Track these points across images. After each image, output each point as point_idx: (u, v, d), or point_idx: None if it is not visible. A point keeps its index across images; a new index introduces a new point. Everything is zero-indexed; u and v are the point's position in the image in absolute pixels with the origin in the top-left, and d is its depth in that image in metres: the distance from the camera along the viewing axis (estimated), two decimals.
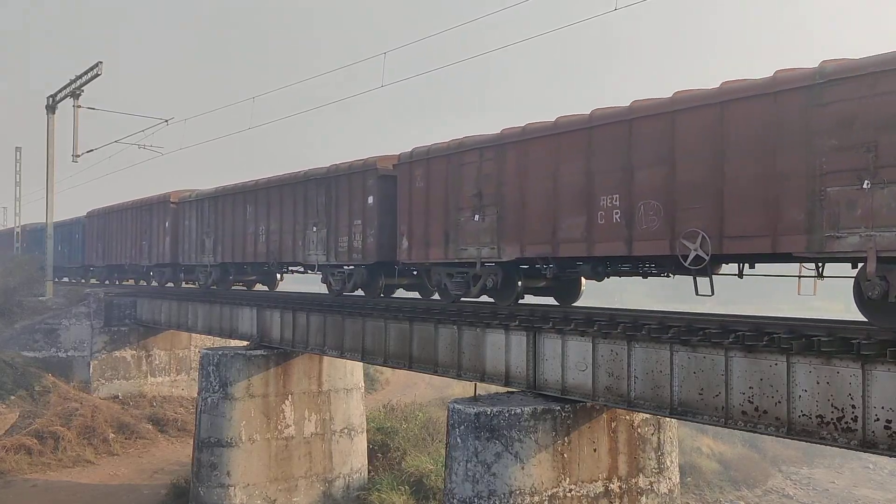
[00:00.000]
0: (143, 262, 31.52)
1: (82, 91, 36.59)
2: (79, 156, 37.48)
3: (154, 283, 32.69)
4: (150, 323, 31.94)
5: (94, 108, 38.46)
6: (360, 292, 20.00)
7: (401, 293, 20.73)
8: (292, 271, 23.54)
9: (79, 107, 36.69)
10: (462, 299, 16.76)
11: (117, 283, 37.10)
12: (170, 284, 30.68)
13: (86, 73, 35.76)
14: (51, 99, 38.19)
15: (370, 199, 18.51)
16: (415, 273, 19.20)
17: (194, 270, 28.06)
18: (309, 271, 22.03)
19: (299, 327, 21.04)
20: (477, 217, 15.38)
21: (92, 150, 37.97)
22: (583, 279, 15.38)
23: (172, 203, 28.99)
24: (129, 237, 32.80)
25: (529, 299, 16.17)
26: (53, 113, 38.36)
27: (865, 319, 10.19)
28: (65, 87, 37.17)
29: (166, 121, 34.47)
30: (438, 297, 18.76)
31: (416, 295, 20.65)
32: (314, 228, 20.53)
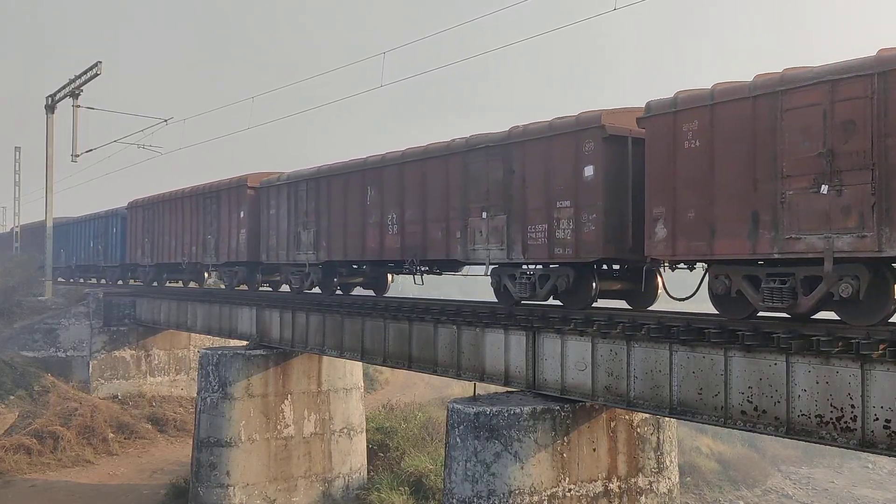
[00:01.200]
0: (206, 261, 26.89)
1: (81, 91, 36.60)
2: (78, 155, 37.48)
3: (222, 286, 28.20)
4: (150, 323, 31.93)
5: (93, 108, 38.51)
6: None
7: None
8: (441, 272, 18.69)
9: (78, 106, 36.70)
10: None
11: (167, 284, 32.56)
12: (243, 287, 26.52)
13: (85, 72, 35.76)
14: (50, 99, 38.18)
15: (588, 171, 13.71)
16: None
17: (281, 270, 23.46)
18: (459, 271, 18.14)
19: (299, 327, 21.03)
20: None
21: (91, 150, 37.98)
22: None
23: (250, 188, 24.18)
24: (189, 231, 27.93)
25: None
26: (53, 113, 38.36)
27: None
28: (64, 87, 37.16)
29: (165, 120, 34.50)
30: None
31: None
32: (484, 214, 15.68)
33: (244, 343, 23.24)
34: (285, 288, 23.81)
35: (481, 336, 14.96)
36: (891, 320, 10.10)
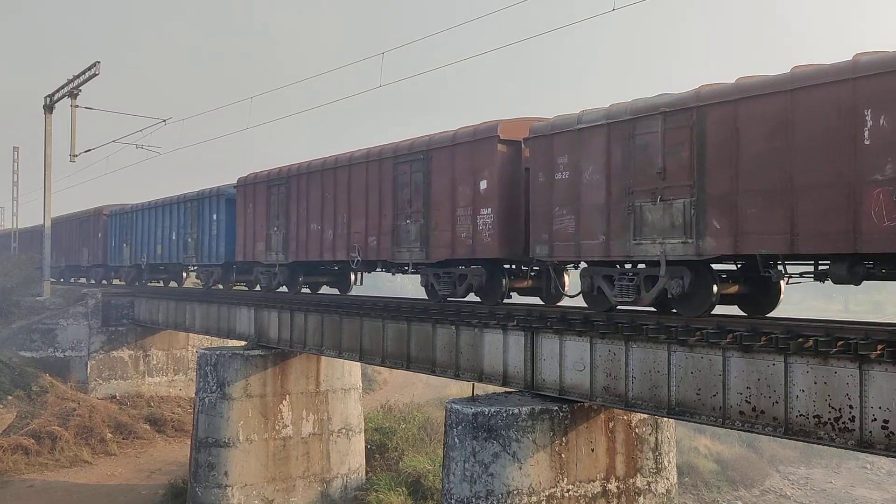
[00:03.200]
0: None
1: (80, 91, 36.61)
2: (76, 155, 37.48)
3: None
4: (148, 323, 31.91)
5: (91, 108, 38.56)
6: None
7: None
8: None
9: (76, 106, 36.70)
10: None
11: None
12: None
13: (83, 72, 35.76)
14: (48, 99, 38.16)
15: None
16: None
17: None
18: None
19: (297, 327, 21.02)
20: None
21: (89, 150, 37.99)
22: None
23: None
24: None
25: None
26: (51, 113, 38.34)
27: (865, 319, 10.20)
28: (62, 87, 37.16)
29: (164, 120, 34.50)
30: None
31: None
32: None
33: (242, 343, 23.23)
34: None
35: (480, 336, 14.96)
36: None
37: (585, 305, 13.96)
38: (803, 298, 73.87)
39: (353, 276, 22.40)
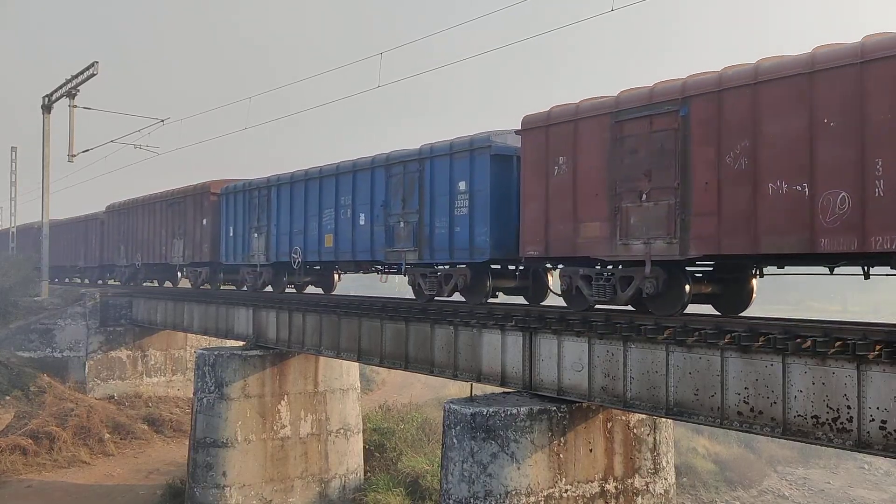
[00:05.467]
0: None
1: (78, 91, 36.55)
2: (74, 155, 37.41)
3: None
4: (146, 323, 31.88)
5: (89, 108, 38.49)
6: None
7: None
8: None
9: (74, 106, 36.65)
10: None
11: None
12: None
13: (81, 72, 35.71)
14: (46, 99, 38.11)
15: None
16: None
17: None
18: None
19: (295, 327, 21.01)
20: None
21: (88, 150, 37.92)
22: None
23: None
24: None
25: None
26: (49, 113, 38.29)
27: (863, 320, 10.21)
28: (60, 87, 37.11)
29: (162, 121, 34.45)
30: None
31: None
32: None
33: (241, 343, 23.21)
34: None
35: (478, 337, 14.96)
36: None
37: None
38: (802, 299, 73.96)
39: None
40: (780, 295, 65.02)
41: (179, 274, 30.75)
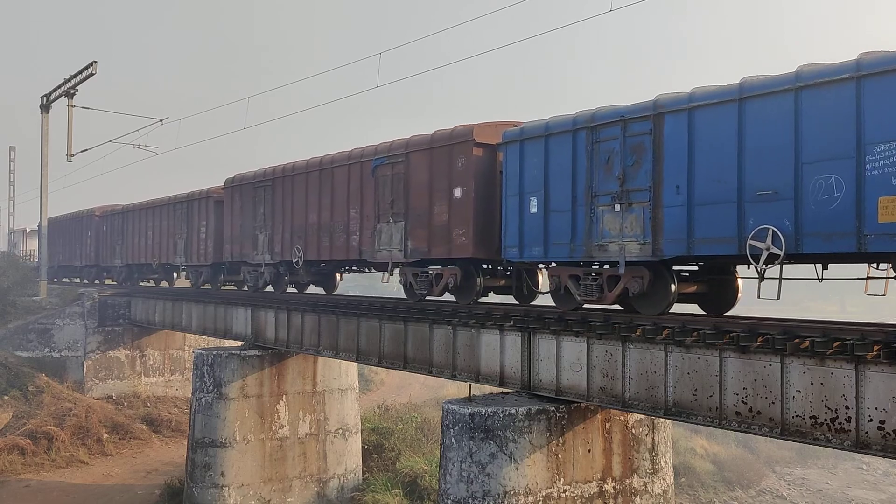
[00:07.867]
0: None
1: (76, 90, 36.53)
2: (73, 155, 37.38)
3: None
4: (145, 323, 31.84)
5: (88, 108, 38.44)
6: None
7: None
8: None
9: (73, 106, 36.62)
10: None
11: None
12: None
13: (80, 72, 35.69)
14: (45, 98, 38.08)
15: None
16: None
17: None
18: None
19: (294, 327, 21.00)
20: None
21: (86, 150, 37.89)
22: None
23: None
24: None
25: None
26: (48, 112, 38.27)
27: (862, 320, 10.22)
28: (59, 87, 37.07)
29: (161, 120, 34.44)
30: None
31: None
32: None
33: (239, 343, 23.20)
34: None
35: (477, 337, 14.95)
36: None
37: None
38: (800, 299, 73.94)
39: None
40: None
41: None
